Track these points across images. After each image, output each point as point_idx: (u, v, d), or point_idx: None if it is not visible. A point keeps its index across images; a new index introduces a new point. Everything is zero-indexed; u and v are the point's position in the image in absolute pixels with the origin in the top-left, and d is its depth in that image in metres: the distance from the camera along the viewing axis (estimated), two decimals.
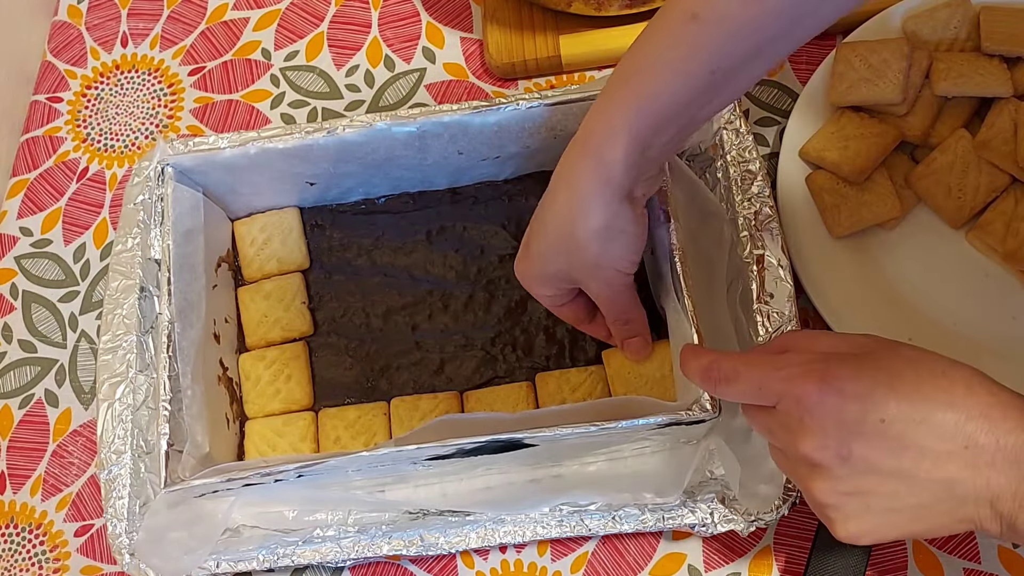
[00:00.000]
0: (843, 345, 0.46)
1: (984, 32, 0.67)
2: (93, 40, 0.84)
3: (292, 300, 0.67)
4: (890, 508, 0.43)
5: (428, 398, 0.64)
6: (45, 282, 0.75)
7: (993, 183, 0.65)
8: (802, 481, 0.46)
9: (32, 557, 0.67)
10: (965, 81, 0.66)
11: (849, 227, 0.65)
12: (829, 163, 0.66)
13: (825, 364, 0.44)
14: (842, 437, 0.43)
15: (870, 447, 0.42)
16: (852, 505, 0.44)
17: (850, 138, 0.66)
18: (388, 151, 0.65)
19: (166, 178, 0.63)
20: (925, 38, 0.69)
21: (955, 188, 0.65)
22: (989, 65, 0.66)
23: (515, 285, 0.67)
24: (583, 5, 0.72)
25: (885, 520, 0.44)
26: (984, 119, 0.66)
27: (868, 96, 0.66)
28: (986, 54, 0.67)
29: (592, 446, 0.58)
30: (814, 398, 0.43)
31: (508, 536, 0.58)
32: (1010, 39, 0.66)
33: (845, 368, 0.43)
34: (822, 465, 0.43)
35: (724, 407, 0.57)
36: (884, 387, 0.42)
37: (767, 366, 0.46)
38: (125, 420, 0.61)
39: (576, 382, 0.63)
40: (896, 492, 0.43)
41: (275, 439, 0.64)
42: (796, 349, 0.47)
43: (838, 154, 0.66)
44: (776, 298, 0.60)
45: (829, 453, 0.43)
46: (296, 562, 0.59)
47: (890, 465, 0.42)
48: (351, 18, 0.82)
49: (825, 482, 0.44)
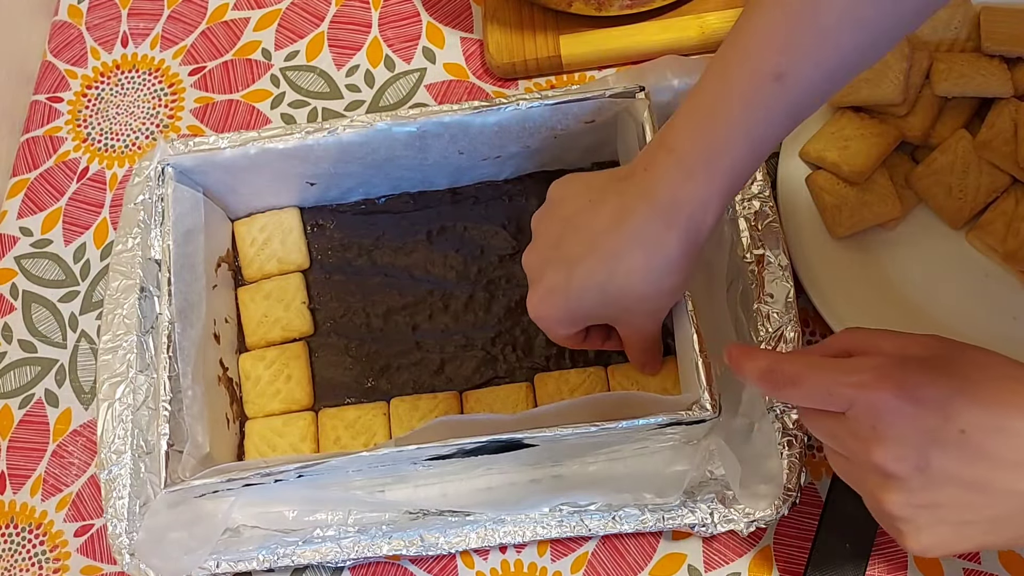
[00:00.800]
0: (912, 347, 0.44)
1: (984, 32, 0.67)
2: (93, 40, 0.84)
3: (292, 300, 0.67)
4: (965, 520, 0.42)
5: (428, 398, 0.64)
6: (45, 282, 0.75)
7: (993, 183, 0.65)
8: (872, 492, 0.43)
9: (32, 557, 0.67)
10: (966, 82, 0.66)
11: (850, 227, 0.65)
12: (829, 163, 0.66)
13: (901, 369, 0.42)
14: (921, 447, 0.41)
15: (949, 458, 0.41)
16: (925, 517, 0.42)
17: (850, 138, 0.66)
18: (388, 151, 0.65)
19: (166, 178, 0.63)
20: (925, 38, 0.69)
21: (955, 188, 0.65)
22: (990, 65, 0.66)
23: (515, 285, 0.67)
24: (583, 5, 0.72)
25: (959, 532, 0.42)
26: (984, 119, 0.66)
27: (868, 97, 0.66)
28: (986, 54, 0.67)
29: (592, 446, 0.58)
30: (891, 404, 0.41)
31: (508, 536, 0.58)
32: (1010, 39, 0.66)
33: (921, 374, 0.42)
34: (897, 476, 0.42)
35: (724, 407, 0.57)
36: (962, 395, 0.41)
37: (835, 370, 0.44)
38: (125, 420, 0.61)
39: (575, 383, 0.63)
40: (972, 504, 0.41)
41: (275, 439, 0.64)
42: (862, 351, 0.45)
43: (838, 154, 0.65)
44: (776, 298, 0.60)
45: (907, 464, 0.41)
46: (296, 562, 0.59)
47: (968, 476, 0.41)
48: (351, 18, 0.82)
49: (899, 494, 0.42)
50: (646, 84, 0.62)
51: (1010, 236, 0.63)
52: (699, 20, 0.73)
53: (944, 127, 0.67)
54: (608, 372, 0.63)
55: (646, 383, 0.62)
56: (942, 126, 0.67)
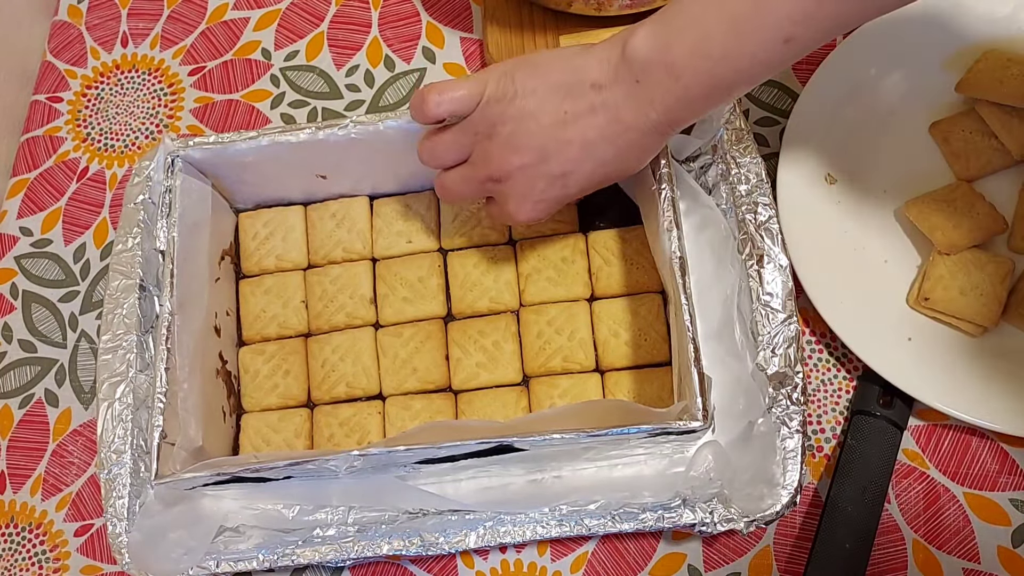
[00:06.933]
0: None
1: None
2: (93, 40, 0.84)
3: (291, 298, 0.67)
4: (533, 177, 0.55)
5: (421, 398, 0.64)
6: (45, 282, 0.75)
7: None
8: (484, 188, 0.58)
9: (32, 557, 0.67)
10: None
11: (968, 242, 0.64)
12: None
13: None
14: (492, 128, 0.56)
15: (506, 127, 0.55)
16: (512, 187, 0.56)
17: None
18: (398, 149, 0.65)
19: (175, 170, 0.63)
20: None
21: None
22: None
23: None
24: (583, 5, 0.72)
25: (537, 196, 0.56)
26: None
27: None
28: None
29: (582, 451, 0.58)
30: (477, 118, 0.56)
31: (508, 536, 0.58)
32: None
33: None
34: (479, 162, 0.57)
35: (723, 408, 0.57)
36: (518, 71, 0.55)
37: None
38: (125, 420, 0.61)
39: (565, 386, 0.63)
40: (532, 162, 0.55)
41: (270, 434, 0.64)
42: None
43: None
44: (776, 298, 0.60)
45: (481, 148, 0.57)
46: (296, 562, 0.59)
47: (516, 135, 0.54)
48: (351, 18, 0.82)
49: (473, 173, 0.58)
50: None
51: None
52: None
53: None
54: (603, 378, 0.64)
55: (641, 390, 0.62)
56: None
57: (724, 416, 0.59)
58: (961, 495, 0.62)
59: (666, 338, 0.63)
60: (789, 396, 0.58)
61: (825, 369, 0.65)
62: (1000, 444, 0.63)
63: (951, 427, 0.63)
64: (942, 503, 0.61)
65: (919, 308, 0.64)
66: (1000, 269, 0.63)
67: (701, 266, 0.63)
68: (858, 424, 0.61)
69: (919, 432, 0.63)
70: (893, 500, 0.62)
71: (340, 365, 0.65)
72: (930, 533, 0.61)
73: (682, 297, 0.55)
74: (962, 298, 0.62)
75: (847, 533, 0.58)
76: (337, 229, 0.69)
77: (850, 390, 0.65)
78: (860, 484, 0.59)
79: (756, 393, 0.58)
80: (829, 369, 0.65)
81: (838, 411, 0.64)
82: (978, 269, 0.62)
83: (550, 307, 0.65)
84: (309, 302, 0.67)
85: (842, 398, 0.65)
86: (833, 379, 0.65)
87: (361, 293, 0.67)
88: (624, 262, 0.65)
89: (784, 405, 0.58)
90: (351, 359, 0.65)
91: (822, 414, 0.64)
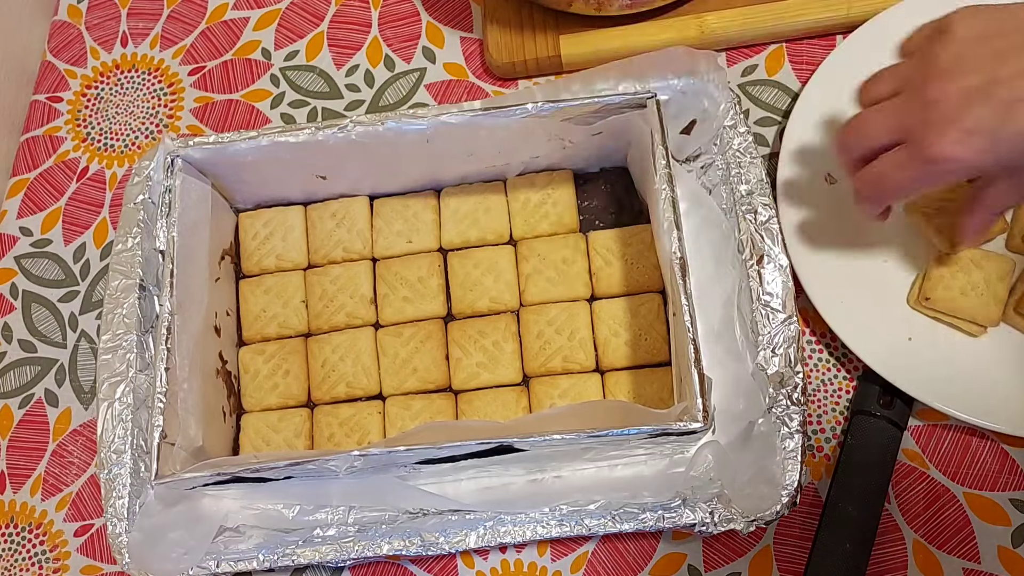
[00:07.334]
0: None
1: None
2: (93, 40, 0.84)
3: (291, 298, 0.67)
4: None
5: (421, 398, 0.64)
6: (45, 282, 0.75)
7: None
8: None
9: (32, 557, 0.67)
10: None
11: None
12: None
13: None
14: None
15: None
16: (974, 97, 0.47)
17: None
18: (398, 150, 0.65)
19: (175, 169, 0.63)
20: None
21: None
22: None
23: None
24: (583, 5, 0.72)
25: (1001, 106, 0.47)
26: None
27: None
28: None
29: (582, 452, 0.58)
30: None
31: (508, 536, 0.58)
32: None
33: None
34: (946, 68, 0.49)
35: (723, 409, 0.57)
36: None
37: None
38: (125, 420, 0.61)
39: (565, 386, 0.63)
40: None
41: (270, 434, 0.64)
42: None
43: None
44: (776, 298, 0.60)
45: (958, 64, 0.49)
46: (296, 562, 0.59)
47: None
48: (351, 18, 0.82)
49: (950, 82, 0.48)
50: (646, 80, 0.63)
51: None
52: (699, 20, 0.73)
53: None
54: (603, 378, 0.64)
55: (641, 390, 0.62)
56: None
57: (724, 416, 0.59)
58: (961, 495, 0.62)
59: (666, 338, 0.63)
60: (789, 396, 0.58)
61: (825, 369, 0.65)
62: (1000, 444, 0.63)
63: (951, 427, 0.63)
64: (942, 503, 0.61)
65: (919, 308, 0.64)
66: (1000, 269, 0.63)
67: (701, 266, 0.63)
68: (858, 424, 0.61)
69: (919, 432, 0.63)
70: (893, 500, 0.62)
71: (340, 365, 0.65)
72: (930, 533, 0.61)
73: (682, 298, 0.55)
74: (962, 298, 0.62)
75: (847, 533, 0.58)
76: (337, 229, 0.69)
77: (850, 390, 0.65)
78: (860, 484, 0.60)
79: (756, 393, 0.59)
80: (829, 369, 0.65)
81: (838, 411, 0.64)
82: (978, 269, 0.62)
83: (550, 307, 0.65)
84: (309, 302, 0.68)
85: (842, 398, 0.65)
86: (833, 379, 0.65)
87: (361, 293, 0.67)
88: (624, 262, 0.65)
89: (784, 405, 0.58)
90: (351, 359, 0.65)
91: (822, 414, 0.64)
